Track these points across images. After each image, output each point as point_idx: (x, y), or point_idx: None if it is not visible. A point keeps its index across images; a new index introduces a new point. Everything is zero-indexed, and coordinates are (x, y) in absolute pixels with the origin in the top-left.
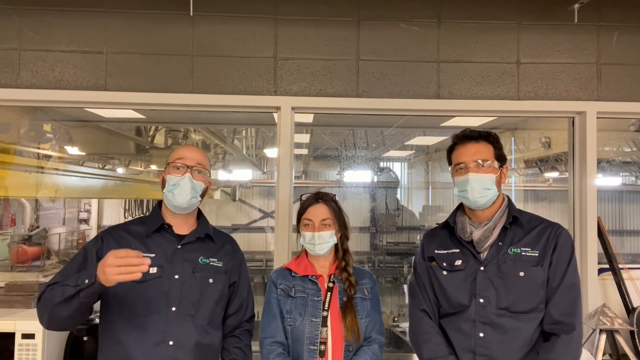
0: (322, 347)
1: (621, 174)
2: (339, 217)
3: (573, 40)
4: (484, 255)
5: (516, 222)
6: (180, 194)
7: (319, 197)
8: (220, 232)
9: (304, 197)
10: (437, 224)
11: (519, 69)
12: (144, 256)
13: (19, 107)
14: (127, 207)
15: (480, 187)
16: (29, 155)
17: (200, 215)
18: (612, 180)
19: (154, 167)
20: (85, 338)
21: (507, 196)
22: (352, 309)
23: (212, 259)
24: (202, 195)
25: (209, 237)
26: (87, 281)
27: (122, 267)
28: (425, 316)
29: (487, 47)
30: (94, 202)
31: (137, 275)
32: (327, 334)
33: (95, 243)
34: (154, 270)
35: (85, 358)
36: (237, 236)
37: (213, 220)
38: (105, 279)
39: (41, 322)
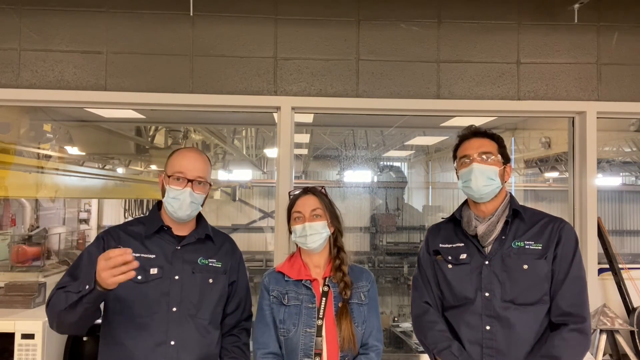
0: (317, 359)
1: (621, 174)
2: (329, 208)
3: (573, 40)
4: (488, 249)
5: (519, 216)
6: (180, 208)
7: (308, 189)
8: (219, 231)
9: (292, 193)
10: (442, 217)
11: (519, 69)
12: (144, 257)
13: (19, 107)
14: (127, 207)
15: (484, 177)
16: (29, 155)
17: (199, 215)
18: (612, 180)
19: (154, 167)
20: (85, 338)
21: (510, 192)
22: (348, 316)
23: (211, 260)
24: (203, 203)
25: (208, 237)
26: (87, 287)
27: (114, 268)
28: (429, 307)
29: (487, 47)
30: (94, 202)
31: (132, 274)
32: (322, 344)
33: (98, 244)
34: (154, 271)
35: (85, 358)
36: (237, 236)
37: (213, 220)
38: (105, 284)
39: (51, 327)
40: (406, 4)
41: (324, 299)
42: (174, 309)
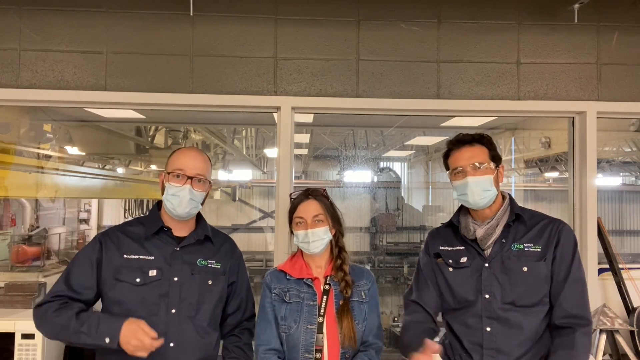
0: (318, 355)
1: (621, 174)
2: (331, 212)
3: (573, 40)
4: (488, 252)
5: (518, 219)
6: (180, 205)
7: (309, 193)
8: (219, 232)
9: (293, 196)
10: (441, 223)
11: (519, 69)
12: (143, 259)
13: (19, 107)
14: (127, 207)
15: (480, 189)
16: (29, 155)
17: (199, 216)
18: (612, 180)
19: (154, 167)
20: None
21: (509, 194)
22: (349, 313)
23: (210, 261)
24: (203, 202)
25: (207, 238)
26: (107, 340)
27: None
28: (413, 304)
29: (487, 47)
30: (94, 202)
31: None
32: (322, 341)
33: (94, 247)
34: (153, 273)
35: (85, 358)
36: (237, 236)
37: (213, 220)
38: (126, 349)
39: (37, 328)
40: (406, 4)
41: (325, 296)
42: (173, 311)
